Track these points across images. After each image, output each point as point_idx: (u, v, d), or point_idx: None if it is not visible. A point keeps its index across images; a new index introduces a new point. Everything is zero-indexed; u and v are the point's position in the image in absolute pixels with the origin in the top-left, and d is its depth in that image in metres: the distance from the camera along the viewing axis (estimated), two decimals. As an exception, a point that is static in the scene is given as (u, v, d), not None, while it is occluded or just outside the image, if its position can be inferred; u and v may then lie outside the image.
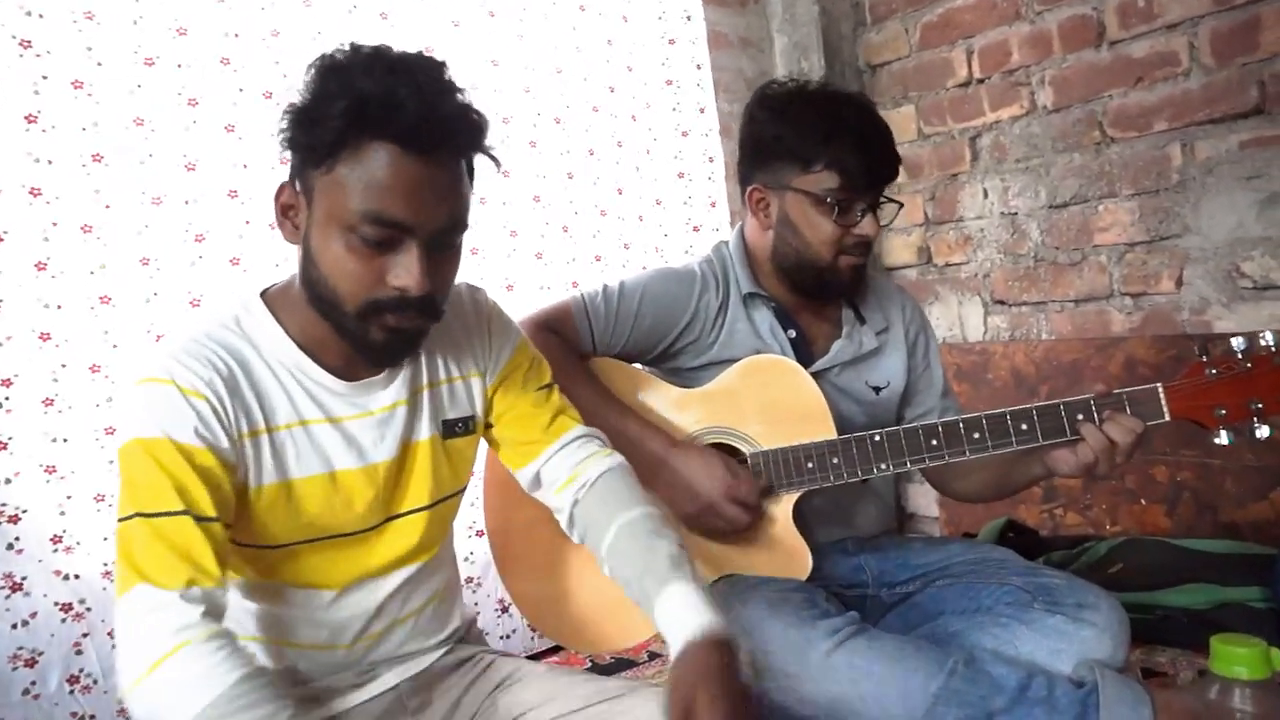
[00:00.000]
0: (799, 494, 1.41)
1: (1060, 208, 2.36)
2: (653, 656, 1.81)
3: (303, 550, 1.05)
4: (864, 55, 2.74)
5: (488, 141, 1.00)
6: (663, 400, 1.50)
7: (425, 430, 1.11)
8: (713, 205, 2.65)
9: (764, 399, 1.44)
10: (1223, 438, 1.26)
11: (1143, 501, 2.21)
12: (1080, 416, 1.29)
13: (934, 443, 1.35)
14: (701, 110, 2.64)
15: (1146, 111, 2.18)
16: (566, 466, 1.18)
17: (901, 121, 2.65)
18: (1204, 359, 1.26)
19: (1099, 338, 2.29)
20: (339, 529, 1.06)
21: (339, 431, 1.05)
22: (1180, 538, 2.03)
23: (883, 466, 1.37)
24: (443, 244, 0.99)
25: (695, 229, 2.60)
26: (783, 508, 1.42)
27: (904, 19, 2.63)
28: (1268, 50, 1.99)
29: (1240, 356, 1.24)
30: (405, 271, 0.95)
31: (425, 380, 1.12)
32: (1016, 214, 2.44)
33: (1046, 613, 1.32)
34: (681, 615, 0.97)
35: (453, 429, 1.14)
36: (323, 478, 1.04)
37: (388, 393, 1.08)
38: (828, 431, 1.40)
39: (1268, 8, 1.98)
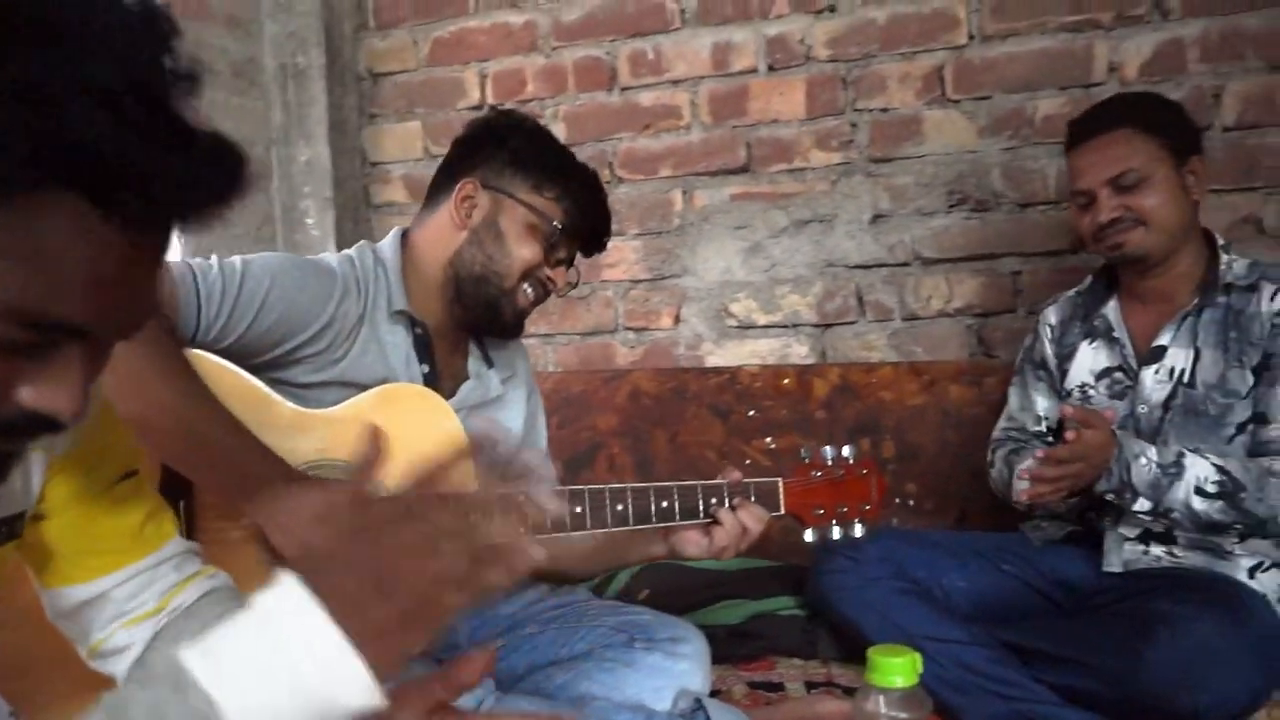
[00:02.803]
0: None
1: None
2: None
3: None
4: (366, 60, 2.60)
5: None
6: (273, 417, 1.23)
7: None
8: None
9: (401, 435, 1.21)
10: (808, 536, 1.39)
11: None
12: (714, 501, 1.33)
13: (579, 510, 1.29)
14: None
15: (653, 157, 2.40)
16: (156, 591, 0.85)
17: (407, 138, 2.57)
18: (806, 460, 1.40)
19: (605, 370, 2.42)
20: None
21: None
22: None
23: (521, 531, 1.24)
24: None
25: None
26: None
27: (413, 30, 2.57)
28: (754, 117, 2.32)
29: (831, 464, 1.40)
30: (56, 389, 0.58)
31: None
32: (527, 245, 2.49)
33: (646, 651, 1.36)
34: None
35: None
36: None
37: None
38: (469, 482, 1.27)
39: (755, 80, 2.32)
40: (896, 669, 0.90)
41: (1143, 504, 1.53)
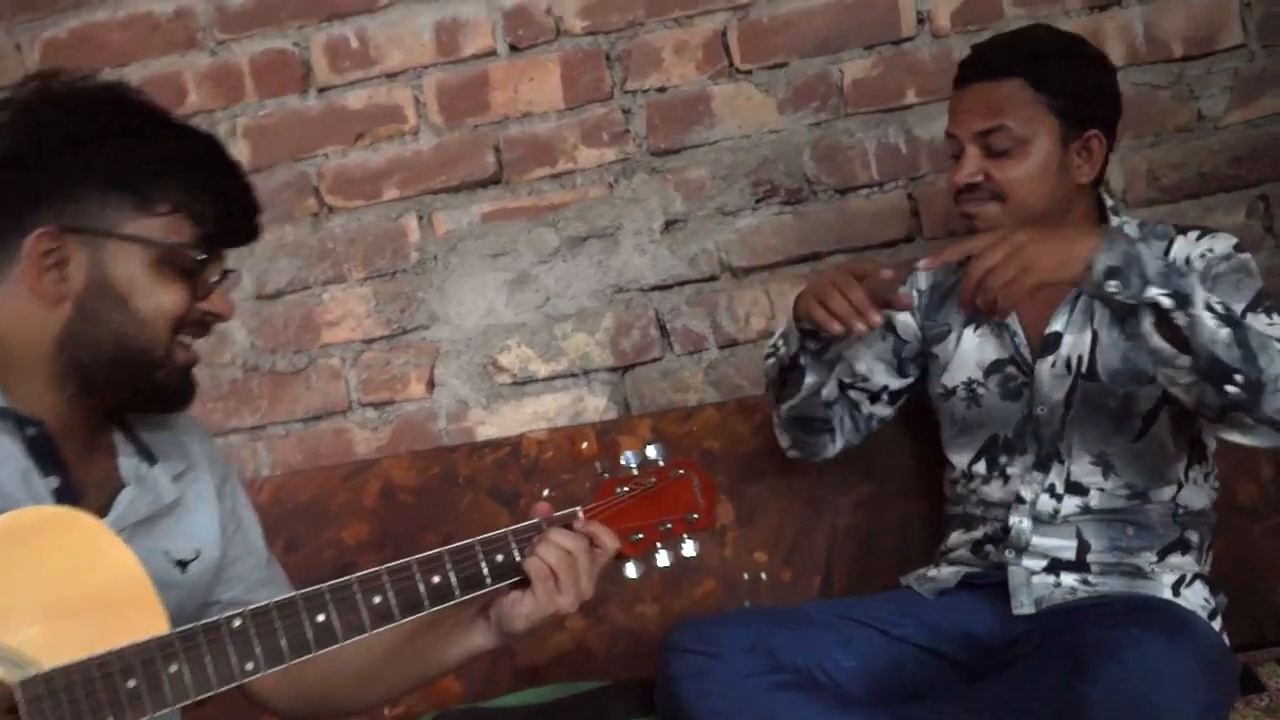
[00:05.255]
0: None
1: (273, 298, 2.19)
2: None
3: None
4: (-54, 75, 2.27)
5: None
6: None
7: None
8: None
9: (42, 581, 1.09)
10: (630, 571, 1.31)
11: (426, 670, 2.03)
12: (500, 559, 1.22)
13: (320, 618, 1.14)
14: None
15: (373, 175, 2.19)
16: None
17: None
18: (607, 476, 1.32)
19: (342, 463, 2.16)
20: None
21: None
22: (485, 700, 1.96)
23: (250, 667, 1.11)
24: None
25: None
26: None
27: (16, 31, 2.19)
28: (500, 111, 2.16)
29: (638, 473, 1.32)
30: None
31: None
32: (212, 309, 2.11)
33: None
34: None
35: None
36: None
37: None
38: (157, 623, 1.11)
39: (495, 64, 2.14)
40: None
41: (1154, 292, 1.35)
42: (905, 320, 1.78)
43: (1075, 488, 1.61)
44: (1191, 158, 2.04)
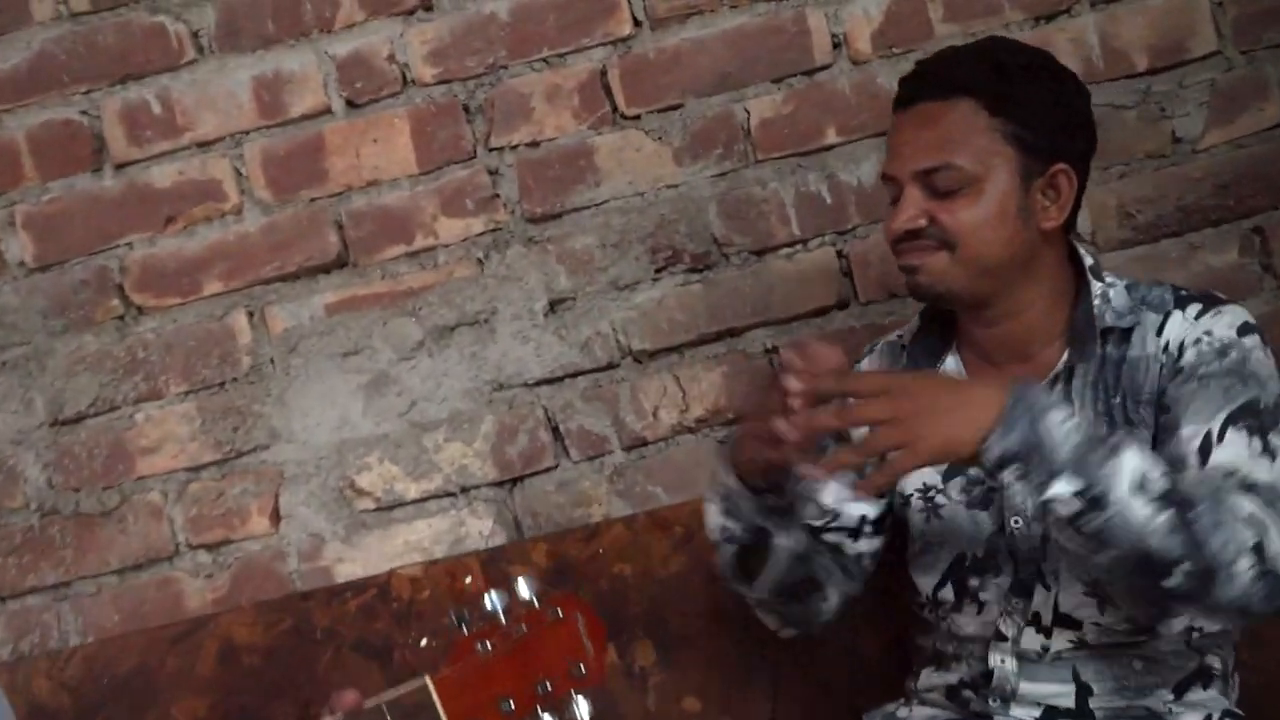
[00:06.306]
0: None
1: (72, 423, 1.94)
2: None
3: None
4: None
5: None
6: None
7: None
8: None
9: None
10: None
11: None
12: None
13: None
14: None
15: (189, 266, 1.93)
16: None
17: None
18: (465, 629, 1.13)
19: (171, 623, 1.90)
20: None
21: None
22: None
23: None
24: None
25: None
26: None
27: None
28: (341, 181, 1.92)
29: (505, 620, 1.14)
30: None
31: None
32: (-6, 441, 2.03)
33: None
34: None
35: None
36: None
37: None
38: None
39: (331, 124, 1.91)
40: None
41: (1066, 484, 1.18)
42: (857, 431, 1.57)
43: (1065, 620, 1.41)
44: (1169, 189, 1.85)
